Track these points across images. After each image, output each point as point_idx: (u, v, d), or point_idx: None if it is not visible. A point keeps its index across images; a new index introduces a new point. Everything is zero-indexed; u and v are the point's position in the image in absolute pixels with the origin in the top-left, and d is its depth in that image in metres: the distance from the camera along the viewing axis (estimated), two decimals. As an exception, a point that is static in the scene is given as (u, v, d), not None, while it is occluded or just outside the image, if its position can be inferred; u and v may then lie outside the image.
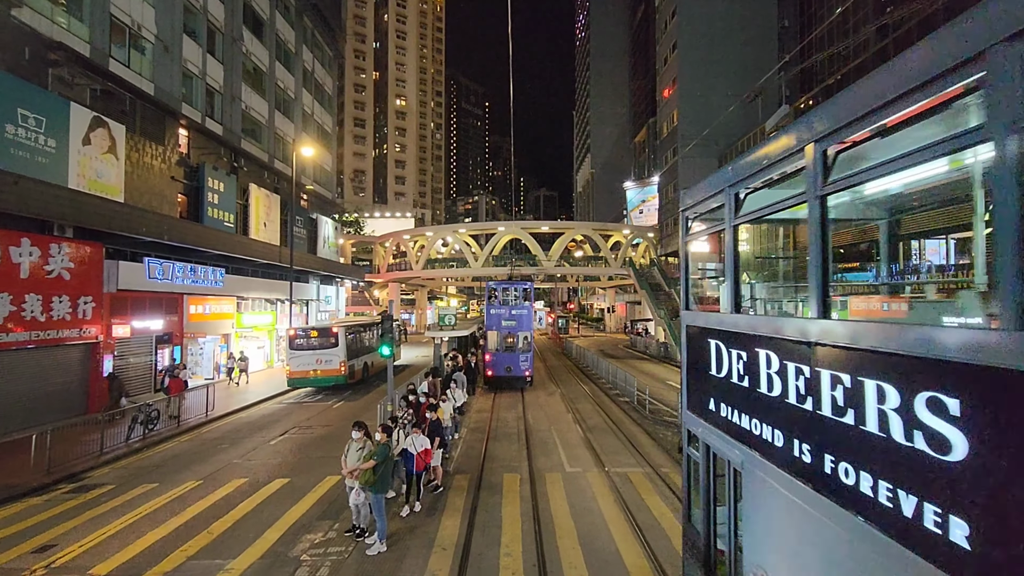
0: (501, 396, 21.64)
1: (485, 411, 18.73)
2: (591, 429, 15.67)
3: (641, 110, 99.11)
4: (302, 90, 37.03)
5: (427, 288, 72.91)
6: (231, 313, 26.62)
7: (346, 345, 22.88)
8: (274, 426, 16.92)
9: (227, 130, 27.29)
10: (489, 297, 23.28)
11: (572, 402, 20.17)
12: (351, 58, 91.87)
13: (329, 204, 42.60)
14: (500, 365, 22.19)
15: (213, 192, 25.04)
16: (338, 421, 17.34)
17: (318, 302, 37.31)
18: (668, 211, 46.91)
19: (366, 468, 7.87)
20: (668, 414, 17.33)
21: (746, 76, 43.10)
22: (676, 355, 34.45)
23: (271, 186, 31.94)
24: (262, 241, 28.48)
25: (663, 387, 23.53)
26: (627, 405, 19.17)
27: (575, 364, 33.22)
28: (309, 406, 20.35)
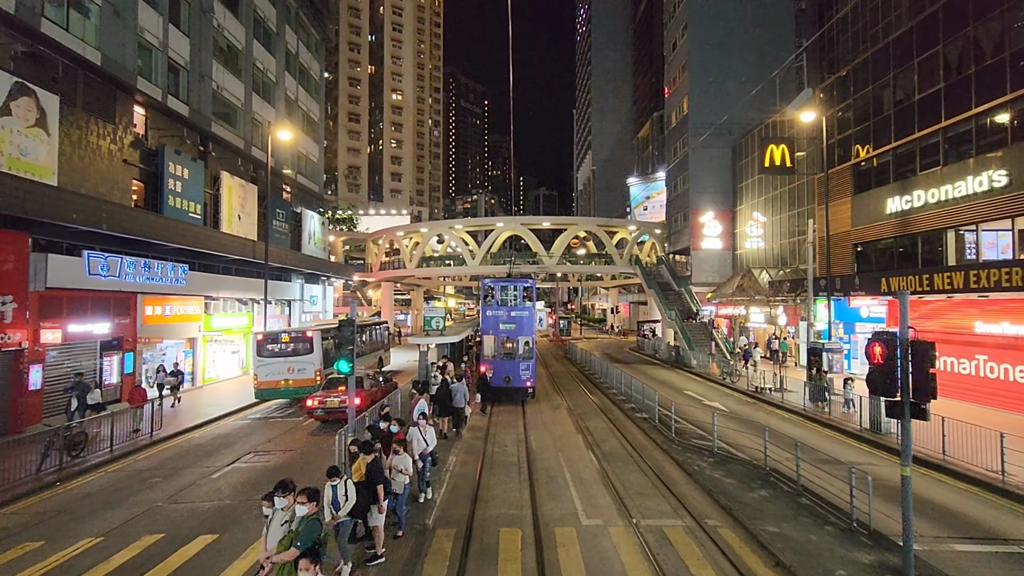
0: (499, 410, 18.86)
1: (480, 429, 15.95)
2: (607, 456, 12.88)
3: (644, 106, 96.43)
4: (284, 73, 34.26)
5: (423, 288, 70.12)
6: (197, 315, 23.84)
7: (322, 351, 20.11)
8: (225, 451, 14.13)
9: (194, 111, 24.51)
10: (485, 297, 20.52)
11: (581, 418, 17.39)
12: (345, 51, 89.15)
13: (316, 198, 39.82)
14: (498, 374, 19.41)
15: (175, 179, 22.26)
16: (304, 444, 14.56)
17: (302, 303, 34.53)
18: (677, 206, 44.17)
19: (285, 560, 5.12)
20: (697, 436, 14.55)
21: (761, 61, 40.36)
22: (689, 360, 31.70)
23: (247, 175, 29.16)
24: (233, 234, 25.69)
25: (682, 398, 20.75)
26: (645, 423, 16.39)
27: (580, 370, 30.43)
28: (276, 423, 17.57)
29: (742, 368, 26.74)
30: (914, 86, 22.07)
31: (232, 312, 26.84)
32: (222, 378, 26.21)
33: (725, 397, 22.01)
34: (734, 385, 24.57)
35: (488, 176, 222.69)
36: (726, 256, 40.41)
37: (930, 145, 21.27)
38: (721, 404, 20.29)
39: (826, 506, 9.45)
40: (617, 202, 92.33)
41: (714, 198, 40.39)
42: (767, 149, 28.90)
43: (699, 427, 15.50)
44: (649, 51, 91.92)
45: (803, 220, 31.12)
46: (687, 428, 15.19)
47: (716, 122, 38.30)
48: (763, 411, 19.09)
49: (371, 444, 7.89)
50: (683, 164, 42.32)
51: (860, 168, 25.69)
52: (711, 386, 25.06)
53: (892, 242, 23.32)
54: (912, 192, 21.82)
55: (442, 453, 12.93)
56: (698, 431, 15.07)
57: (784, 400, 20.24)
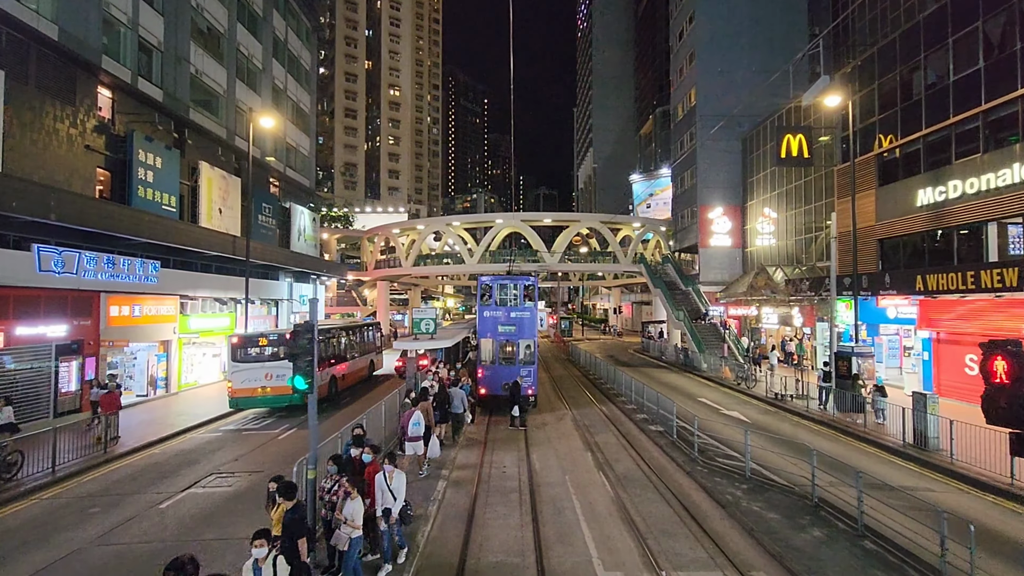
0: (498, 421, 17.09)
1: (476, 443, 14.18)
2: (622, 481, 11.11)
3: (646, 102, 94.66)
4: (272, 61, 32.46)
5: (420, 287, 68.36)
6: (172, 315, 22.05)
7: (303, 356, 18.31)
8: (185, 471, 12.36)
9: (170, 96, 22.74)
10: (482, 296, 18.73)
11: (588, 430, 15.63)
12: (342, 45, 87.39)
13: (306, 192, 38.03)
14: (496, 381, 17.64)
15: (145, 168, 20.47)
16: (275, 462, 12.77)
17: (290, 302, 32.75)
18: (684, 201, 42.39)
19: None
20: (722, 453, 12.77)
21: (772, 50, 38.61)
22: (699, 363, 29.94)
23: (230, 167, 27.38)
24: (210, 229, 23.89)
25: (696, 407, 18.97)
26: (661, 437, 14.62)
27: (584, 374, 28.66)
28: (249, 436, 15.79)
29: (758, 372, 24.96)
30: (949, 67, 20.29)
31: (212, 313, 25.05)
32: (202, 383, 24.43)
33: (743, 405, 20.26)
34: (750, 391, 22.84)
35: (488, 175, 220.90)
36: (735, 254, 38.64)
37: (968, 131, 19.49)
38: (740, 413, 18.54)
39: (900, 554, 7.67)
40: (619, 200, 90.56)
41: (723, 193, 38.62)
42: (783, 139, 27.10)
43: (722, 441, 13.73)
44: (652, 45, 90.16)
45: (820, 215, 29.39)
46: (708, 443, 13.41)
47: (725, 113, 36.48)
48: (788, 422, 17.34)
49: (292, 487, 6.08)
50: (690, 158, 40.55)
51: (885, 158, 23.92)
52: (726, 392, 23.31)
53: (923, 237, 21.53)
54: (947, 182, 20.04)
55: (428, 480, 11.16)
56: (721, 447, 13.30)
57: (809, 409, 18.50)
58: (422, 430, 11.28)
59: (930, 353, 21.38)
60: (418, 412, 11.56)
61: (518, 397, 16.20)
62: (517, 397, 16.17)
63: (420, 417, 11.42)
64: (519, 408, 16.16)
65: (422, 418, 11.46)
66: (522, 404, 16.38)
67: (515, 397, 16.16)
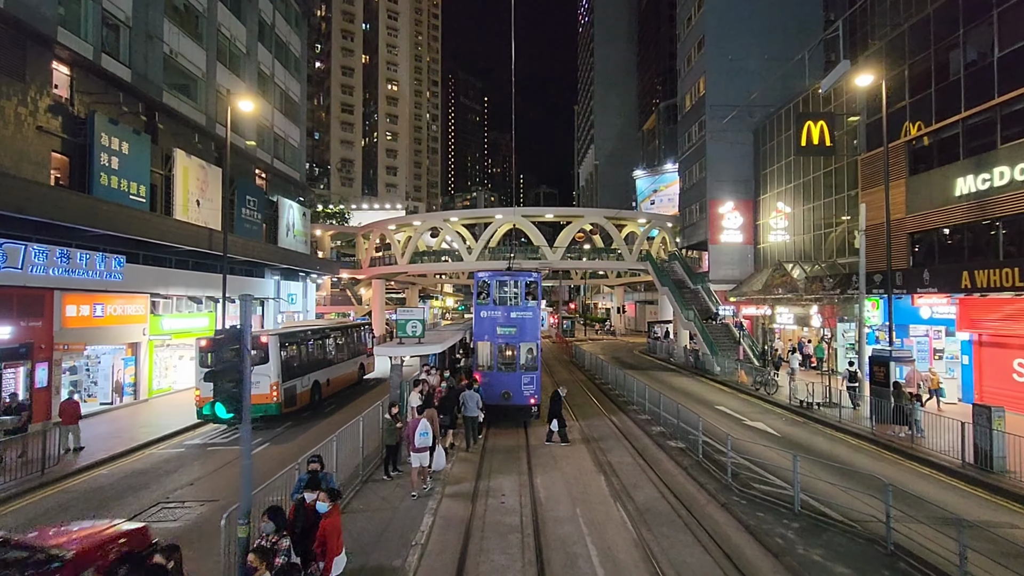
0: (496, 435, 15.24)
1: (470, 464, 12.32)
2: (645, 515, 9.25)
3: (649, 98, 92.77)
4: (258, 45, 30.58)
5: (418, 286, 66.50)
6: (141, 315, 20.19)
7: (280, 360, 16.49)
8: (128, 499, 10.52)
9: (140, 76, 20.87)
10: (479, 294, 16.86)
11: (599, 446, 13.79)
12: (338, 38, 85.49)
13: (297, 186, 36.16)
14: (494, 390, 15.77)
15: (109, 153, 18.60)
16: (235, 488, 10.90)
17: (277, 301, 30.89)
18: (692, 196, 40.50)
19: None
20: (758, 477, 10.89)
21: (785, 35, 36.73)
22: (712, 366, 28.10)
23: (210, 156, 25.49)
24: (183, 221, 22.02)
25: (715, 416, 17.11)
26: (684, 456, 12.75)
27: (590, 378, 26.80)
28: (215, 452, 13.95)
29: (777, 377, 23.09)
30: (993, 42, 18.42)
31: (188, 312, 23.21)
32: (177, 388, 22.58)
33: (766, 414, 18.41)
34: (771, 398, 21.00)
35: (488, 174, 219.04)
36: (747, 251, 36.76)
37: (1016, 112, 17.62)
38: (765, 424, 16.70)
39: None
40: (621, 198, 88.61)
41: (734, 187, 36.74)
42: (804, 126, 25.23)
43: (755, 460, 11.85)
44: (655, 39, 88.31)
45: (840, 209, 27.54)
46: (748, 468, 11.53)
47: (736, 103, 34.56)
48: (821, 435, 15.49)
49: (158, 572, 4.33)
50: (699, 151, 38.66)
51: (916, 145, 22.07)
52: (744, 399, 21.47)
53: (963, 230, 19.66)
54: (992, 169, 18.17)
55: (412, 513, 9.30)
56: (755, 468, 11.42)
57: (841, 419, 16.64)
58: (430, 440, 10.35)
59: (970, 357, 19.54)
60: (424, 421, 10.39)
61: (555, 407, 14.11)
62: (555, 407, 14.12)
63: (427, 426, 10.30)
64: (558, 421, 13.98)
65: (429, 427, 10.36)
66: (560, 417, 14.12)
67: (553, 408, 14.16)
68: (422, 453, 10.14)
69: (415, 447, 10.05)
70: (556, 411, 14.07)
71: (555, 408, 14.11)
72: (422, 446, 10.09)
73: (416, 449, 10.05)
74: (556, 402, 14.21)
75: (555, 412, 14.07)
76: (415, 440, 10.03)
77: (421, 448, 10.08)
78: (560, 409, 14.15)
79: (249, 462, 6.04)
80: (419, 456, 10.13)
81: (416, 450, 10.07)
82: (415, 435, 10.07)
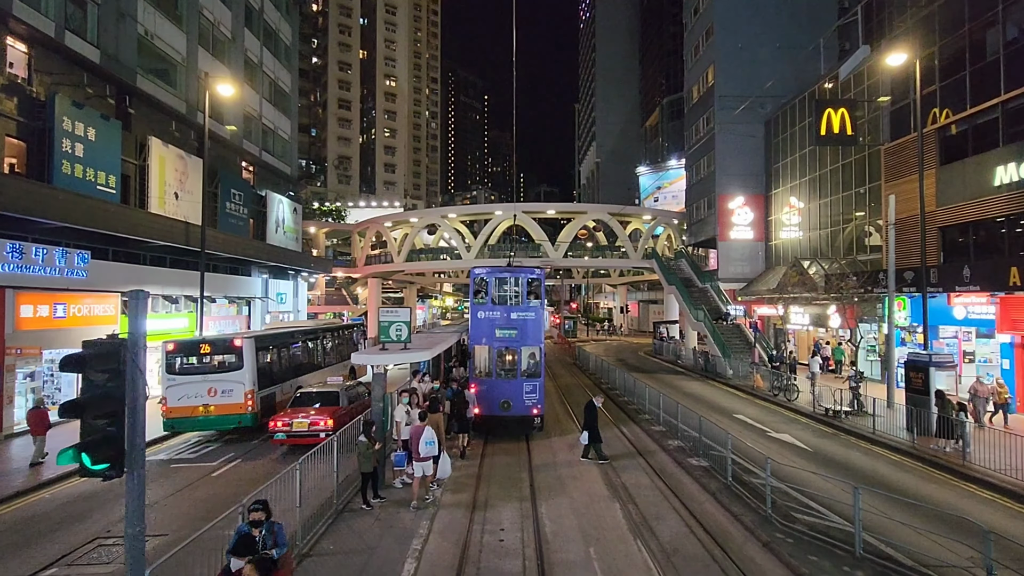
0: (494, 451, 13.68)
1: (465, 487, 10.76)
2: (673, 560, 7.68)
3: (652, 94, 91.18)
4: (244, 31, 29.00)
5: (416, 285, 64.95)
6: (111, 316, 18.63)
7: (255, 365, 14.93)
8: (64, 532, 8.98)
9: (110, 58, 19.31)
10: (476, 293, 15.31)
11: (611, 464, 12.20)
12: (335, 33, 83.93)
13: (287, 180, 34.60)
14: (493, 398, 14.21)
15: (73, 139, 17.04)
16: (193, 518, 9.36)
17: (265, 301, 29.33)
18: (700, 191, 38.92)
19: None
20: (799, 504, 9.31)
21: (798, 22, 35.17)
22: (724, 369, 26.53)
23: (190, 146, 23.91)
24: (155, 214, 20.43)
25: (735, 426, 15.54)
26: (706, 476, 11.18)
27: (596, 383, 25.22)
28: (178, 471, 12.38)
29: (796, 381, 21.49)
30: (1037, 18, 16.88)
31: (165, 313, 21.66)
32: (154, 395, 20.93)
33: (790, 424, 16.85)
34: (792, 404, 19.44)
35: (488, 172, 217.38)
36: (757, 247, 35.21)
37: (1064, 93, 16.08)
38: (792, 436, 15.14)
39: None
40: (624, 196, 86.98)
41: (744, 181, 35.18)
42: (823, 114, 23.65)
43: (789, 482, 10.26)
44: (658, 34, 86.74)
45: (860, 203, 25.97)
46: (786, 496, 9.94)
47: (746, 93, 33.01)
48: (856, 449, 13.93)
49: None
50: (708, 144, 37.08)
51: (948, 133, 20.52)
52: (763, 406, 19.92)
53: (1005, 222, 18.06)
54: (1037, 155, 16.61)
55: (394, 555, 7.74)
56: (792, 491, 9.83)
57: (876, 431, 15.07)
58: (436, 448, 9.87)
59: (1011, 361, 17.96)
60: (429, 428, 9.85)
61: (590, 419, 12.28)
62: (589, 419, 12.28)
63: (432, 434, 9.79)
64: (590, 435, 12.20)
65: (434, 435, 9.87)
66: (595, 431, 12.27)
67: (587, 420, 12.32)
68: (426, 462, 9.61)
69: (419, 456, 9.53)
70: (591, 424, 12.24)
71: (590, 420, 12.27)
72: (427, 455, 9.55)
73: (421, 458, 9.54)
74: (591, 413, 12.36)
75: (589, 425, 12.24)
76: (420, 448, 9.50)
77: (426, 457, 9.56)
78: (595, 422, 12.33)
79: (141, 547, 4.45)
80: (423, 465, 9.61)
81: (421, 459, 9.55)
82: (420, 443, 9.51)
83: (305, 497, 8.48)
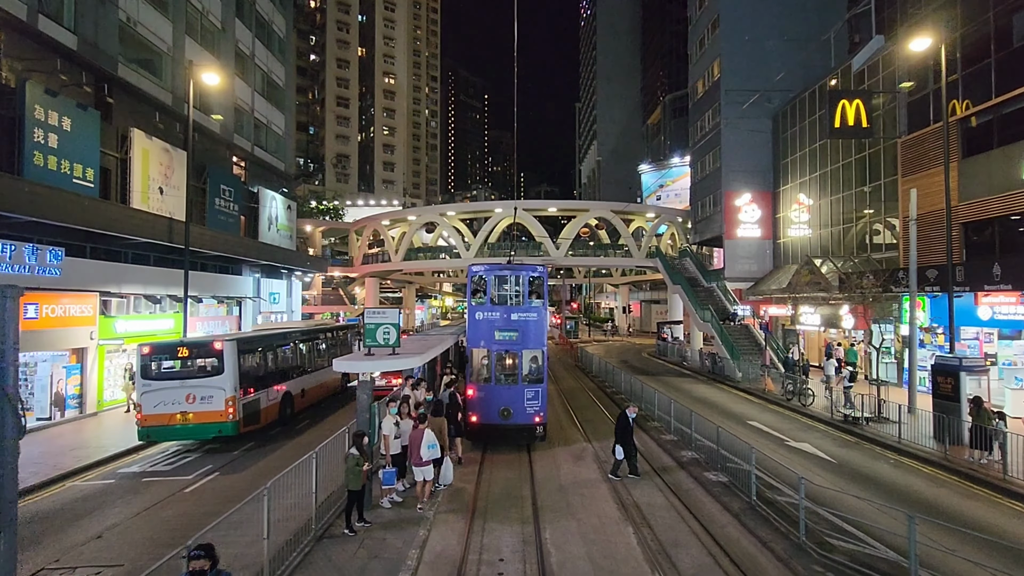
0: (493, 462, 12.67)
1: (460, 511, 9.76)
2: (697, 596, 6.68)
3: (653, 92, 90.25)
4: (235, 22, 28.01)
5: (415, 285, 63.99)
6: (88, 317, 17.62)
7: (237, 370, 13.91)
8: (4, 564, 7.94)
9: (88, 44, 18.31)
10: (474, 292, 14.32)
11: (622, 480, 11.18)
12: (333, 30, 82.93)
13: (281, 177, 33.61)
14: (491, 406, 13.20)
15: (46, 129, 16.04)
16: (157, 545, 8.35)
17: (257, 301, 28.32)
18: (706, 188, 37.90)
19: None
20: (842, 533, 8.30)
21: (806, 14, 34.15)
22: (733, 372, 25.55)
23: (177, 139, 22.91)
24: (135, 209, 19.41)
25: (749, 433, 14.52)
26: (726, 493, 10.19)
27: (600, 387, 24.22)
28: (149, 485, 11.38)
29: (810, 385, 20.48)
30: (1071, 0, 15.87)
31: (149, 314, 20.66)
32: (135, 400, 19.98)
33: (808, 431, 15.85)
34: (807, 410, 18.45)
35: (488, 172, 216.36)
36: (765, 246, 34.16)
37: (1103, 78, 15.07)
38: (812, 445, 14.14)
39: None
40: (625, 194, 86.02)
41: (751, 178, 34.15)
42: (838, 106, 22.68)
43: (818, 499, 9.24)
44: (660, 30, 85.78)
45: (875, 199, 24.94)
46: (819, 519, 8.92)
47: (753, 87, 31.99)
48: (884, 460, 12.93)
49: None
50: (713, 139, 36.04)
51: (971, 124, 19.52)
52: (776, 411, 18.94)
53: (1033, 218, 17.08)
54: (1071, 146, 15.61)
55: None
56: (820, 510, 8.81)
57: (901, 440, 14.06)
58: (438, 452, 9.62)
59: (1042, 365, 16.97)
60: (430, 431, 9.52)
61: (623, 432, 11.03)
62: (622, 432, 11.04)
63: (434, 438, 9.50)
64: (625, 451, 11.01)
65: (435, 439, 9.56)
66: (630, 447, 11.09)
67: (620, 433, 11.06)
68: (426, 467, 9.37)
69: (421, 461, 9.31)
70: (625, 438, 11.04)
71: (623, 434, 11.06)
72: (429, 459, 9.33)
73: (422, 462, 9.30)
74: (624, 425, 11.11)
75: (623, 439, 11.05)
76: (421, 452, 9.26)
77: (427, 461, 9.32)
78: (630, 436, 11.12)
79: None
80: (423, 470, 9.39)
81: (422, 464, 9.32)
82: (423, 449, 9.25)
83: (279, 523, 7.49)
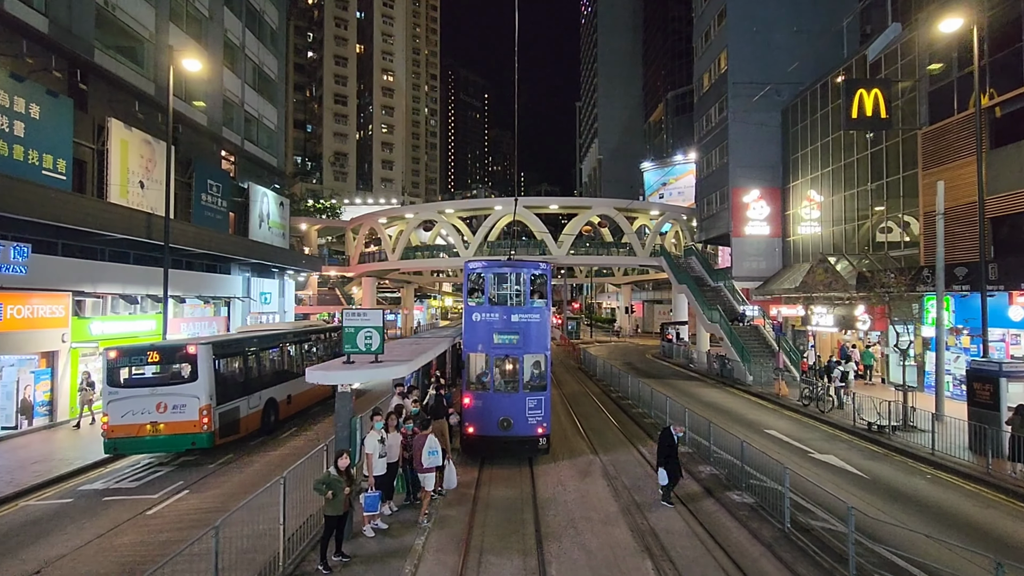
0: (491, 478, 11.53)
1: (453, 535, 8.62)
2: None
3: (655, 89, 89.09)
4: (224, 10, 26.88)
5: (414, 284, 62.86)
6: (60, 318, 16.49)
7: (213, 376, 12.77)
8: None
9: (60, 28, 17.20)
10: (471, 291, 13.19)
11: (633, 499, 10.06)
12: (331, 26, 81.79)
13: (273, 173, 32.49)
14: (490, 416, 12.06)
15: (11, 116, 14.90)
16: (102, 574, 7.22)
17: (246, 301, 27.18)
18: (712, 184, 36.77)
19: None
20: (883, 563, 7.16)
21: (815, 4, 33.08)
22: (743, 375, 24.43)
23: (158, 130, 21.78)
24: (110, 203, 18.27)
25: (772, 446, 13.39)
26: (754, 518, 9.06)
27: (604, 391, 23.08)
28: (109, 505, 10.25)
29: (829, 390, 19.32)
30: (1114, -24, 14.73)
31: (128, 315, 19.52)
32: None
33: (831, 441, 14.71)
34: (826, 417, 17.31)
35: (488, 171, 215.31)
36: (774, 244, 33.04)
37: None
38: (838, 457, 13.00)
39: None
40: (626, 193, 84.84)
41: (759, 173, 33.03)
42: (854, 96, 21.56)
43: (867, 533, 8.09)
44: (662, 26, 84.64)
45: (889, 194, 23.81)
46: (838, 531, 7.78)
47: (762, 80, 30.86)
48: (919, 475, 11.79)
49: None
50: (720, 134, 34.93)
51: (998, 114, 18.38)
52: (794, 418, 17.80)
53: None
54: (1117, 134, 14.47)
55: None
56: (863, 539, 7.66)
57: (935, 452, 12.92)
58: (440, 459, 9.22)
59: (1081, 369, 15.79)
60: (432, 437, 9.11)
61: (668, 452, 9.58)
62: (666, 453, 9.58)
63: (435, 443, 9.10)
64: (670, 474, 9.57)
65: (437, 444, 9.13)
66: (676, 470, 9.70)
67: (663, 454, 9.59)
68: (429, 473, 9.05)
69: (422, 467, 8.98)
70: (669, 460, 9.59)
71: (667, 453, 9.61)
72: (431, 466, 9.00)
73: (424, 469, 9.01)
74: (668, 444, 9.65)
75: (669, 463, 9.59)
76: (425, 462, 8.92)
77: (429, 468, 9.00)
78: (676, 457, 9.71)
79: None
80: (425, 477, 9.08)
81: (424, 470, 9.02)
82: (424, 455, 8.89)
83: (245, 554, 6.36)
